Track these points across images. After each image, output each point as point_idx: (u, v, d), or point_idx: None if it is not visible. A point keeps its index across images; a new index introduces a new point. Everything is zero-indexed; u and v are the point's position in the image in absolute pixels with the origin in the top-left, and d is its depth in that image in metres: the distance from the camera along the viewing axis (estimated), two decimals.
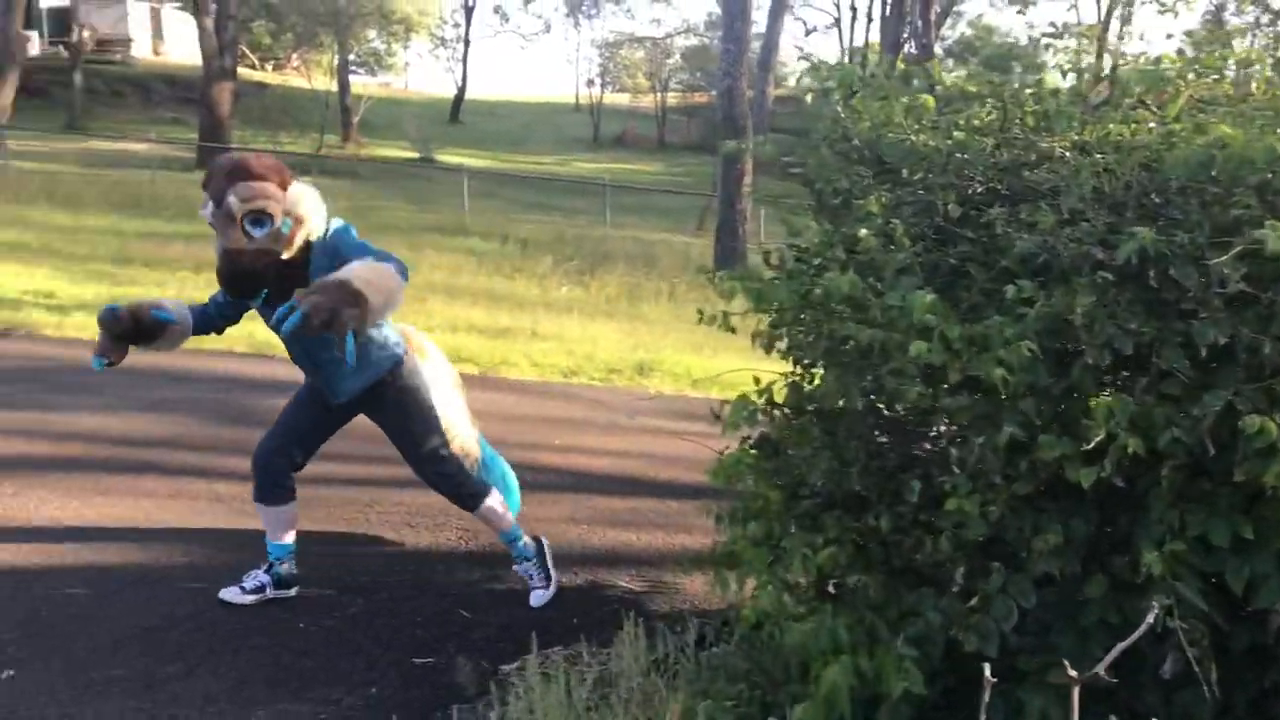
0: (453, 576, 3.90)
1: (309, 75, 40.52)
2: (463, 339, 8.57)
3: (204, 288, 8.89)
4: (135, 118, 35.50)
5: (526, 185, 29.05)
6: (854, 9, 49.19)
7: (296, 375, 3.63)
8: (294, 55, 44.78)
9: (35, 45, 34.55)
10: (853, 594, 2.26)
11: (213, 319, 3.53)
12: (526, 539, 3.83)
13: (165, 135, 25.90)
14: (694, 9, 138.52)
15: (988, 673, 1.26)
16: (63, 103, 33.05)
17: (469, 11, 49.73)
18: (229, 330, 7.35)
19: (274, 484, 3.55)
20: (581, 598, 3.79)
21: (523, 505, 4.67)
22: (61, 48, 38.69)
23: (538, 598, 3.77)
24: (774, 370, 2.69)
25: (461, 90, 48.41)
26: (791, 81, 45.43)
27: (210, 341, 7.12)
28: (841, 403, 2.38)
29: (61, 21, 40.13)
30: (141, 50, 45.63)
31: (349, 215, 3.18)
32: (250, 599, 3.54)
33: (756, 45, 24.29)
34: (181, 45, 47.69)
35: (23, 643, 3.18)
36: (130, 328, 3.28)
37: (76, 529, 4.05)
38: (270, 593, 3.58)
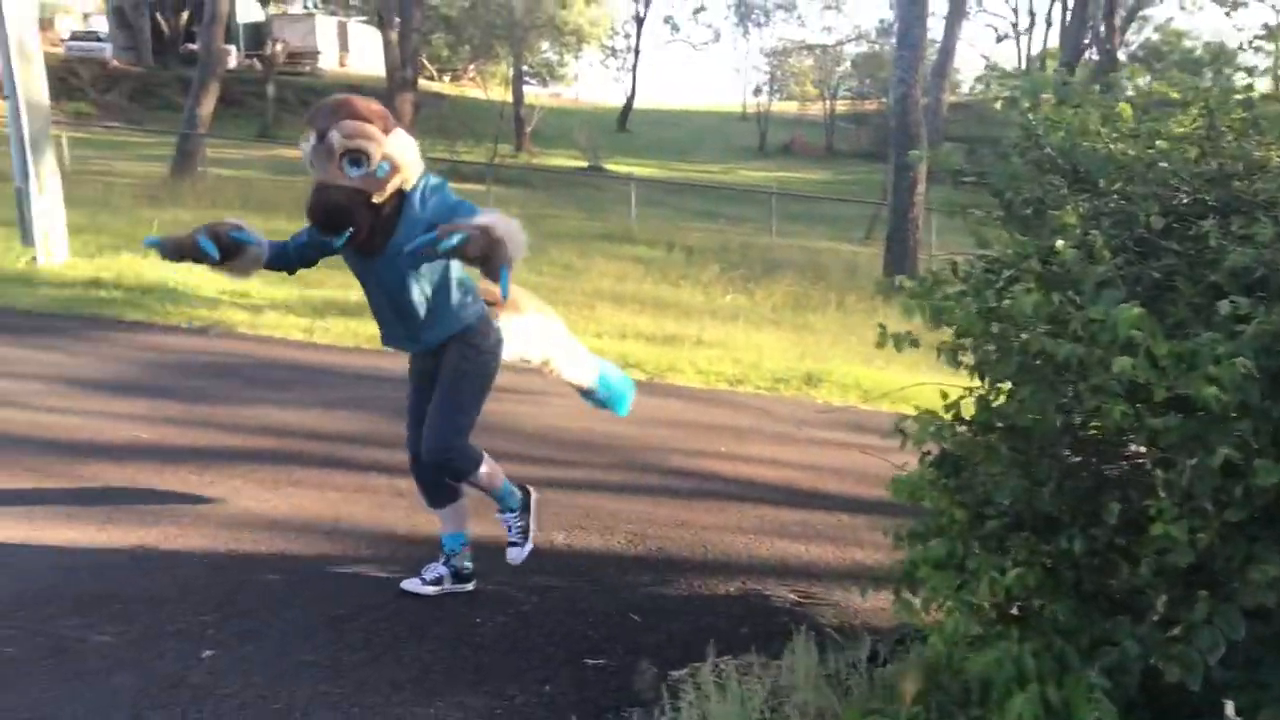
0: (622, 579, 3.94)
1: (485, 86, 41.63)
2: (630, 345, 8.66)
3: None
4: None
5: (693, 193, 29.18)
6: (1032, 14, 47.82)
7: None
8: (470, 67, 46.08)
9: (233, 58, 36.55)
10: (1040, 619, 2.19)
11: (289, 257, 3.56)
12: (515, 490, 3.82)
13: None
14: (866, 16, 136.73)
15: (1230, 710, 1.19)
16: (256, 112, 34.89)
17: (640, 22, 50.38)
18: None
19: (435, 485, 3.65)
20: (750, 608, 3.77)
21: (688, 513, 4.69)
22: (256, 60, 40.87)
23: (514, 554, 3.80)
24: (950, 383, 2.62)
25: (630, 99, 49.01)
26: (965, 88, 44.32)
27: None
28: (1033, 420, 2.30)
29: (257, 36, 42.47)
30: (329, 62, 47.73)
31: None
32: (430, 590, 3.65)
33: (931, 52, 23.78)
34: (365, 57, 49.68)
35: (220, 625, 3.35)
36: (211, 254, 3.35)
37: (269, 518, 4.25)
38: (448, 585, 3.68)
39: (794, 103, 52.42)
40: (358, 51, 50.94)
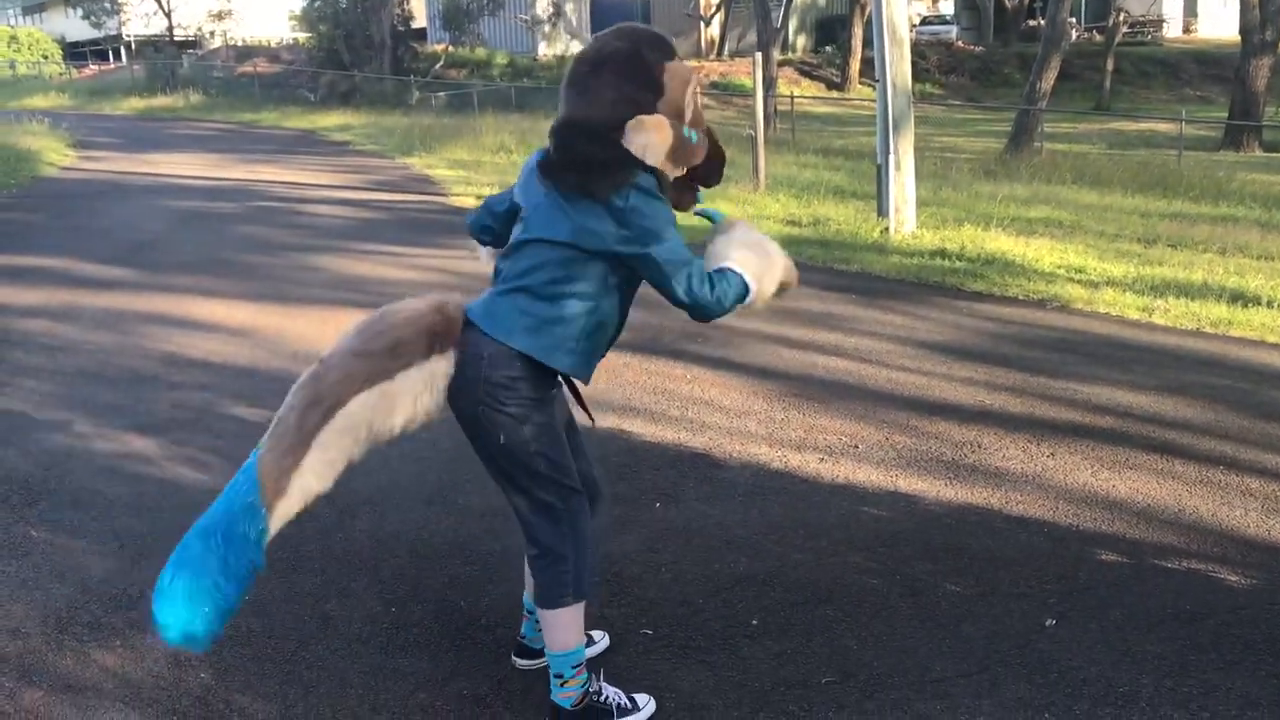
0: None
1: None
2: None
3: (1232, 273, 8.51)
4: (1161, 97, 35.33)
5: None
6: None
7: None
8: None
9: (1073, 32, 36.34)
10: None
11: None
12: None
13: (1192, 115, 25.30)
14: None
15: None
16: (1092, 85, 34.29)
17: None
18: (1258, 320, 6.90)
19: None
20: None
21: None
22: (1095, 33, 40.06)
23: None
24: None
25: None
26: None
27: (1239, 329, 6.81)
28: None
29: (1099, 6, 41.60)
30: (1173, 30, 45.27)
31: None
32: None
33: None
34: (1213, 22, 46.20)
35: (1062, 597, 3.38)
36: None
37: (1108, 498, 4.17)
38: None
39: None
40: (1206, 16, 47.52)
